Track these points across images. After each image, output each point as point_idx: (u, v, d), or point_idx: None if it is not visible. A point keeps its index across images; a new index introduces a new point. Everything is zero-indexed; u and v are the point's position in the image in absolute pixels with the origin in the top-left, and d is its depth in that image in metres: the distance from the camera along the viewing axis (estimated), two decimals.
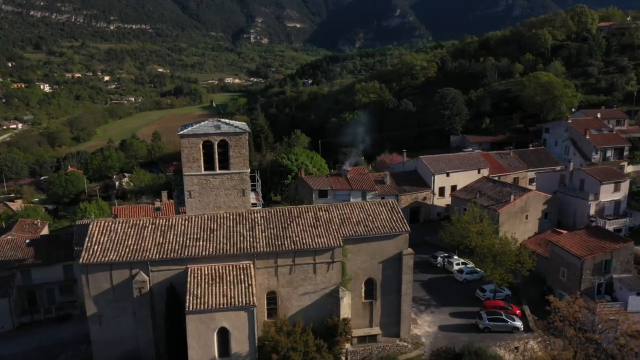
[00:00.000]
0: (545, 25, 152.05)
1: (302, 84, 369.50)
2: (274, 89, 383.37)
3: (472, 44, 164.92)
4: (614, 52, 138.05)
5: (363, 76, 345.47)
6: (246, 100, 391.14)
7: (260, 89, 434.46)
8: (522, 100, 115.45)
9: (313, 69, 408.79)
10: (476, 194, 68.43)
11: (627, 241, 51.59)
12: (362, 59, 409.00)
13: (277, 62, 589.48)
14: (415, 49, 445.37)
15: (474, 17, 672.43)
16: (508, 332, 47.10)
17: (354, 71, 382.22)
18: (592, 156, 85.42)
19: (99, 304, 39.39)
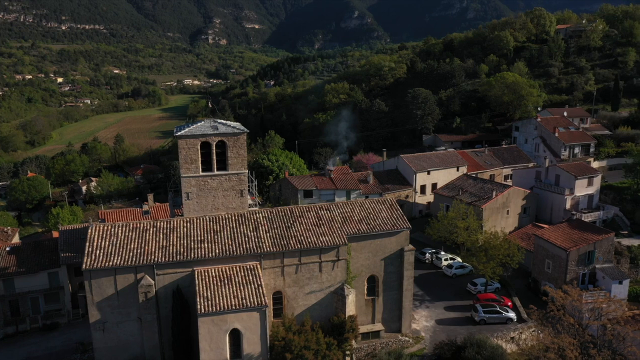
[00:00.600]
0: (506, 27, 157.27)
1: (265, 85, 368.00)
2: (236, 90, 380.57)
3: (437, 45, 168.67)
4: (572, 53, 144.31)
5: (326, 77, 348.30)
6: (207, 101, 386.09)
7: (221, 90, 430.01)
8: (490, 100, 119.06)
9: (275, 70, 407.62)
10: (458, 191, 70.28)
11: (608, 232, 54.23)
12: (323, 60, 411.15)
13: (236, 64, 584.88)
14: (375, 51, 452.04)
15: (430, 19, 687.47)
16: (503, 323, 48.73)
17: (316, 72, 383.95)
18: (561, 153, 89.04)
19: (102, 310, 38.41)
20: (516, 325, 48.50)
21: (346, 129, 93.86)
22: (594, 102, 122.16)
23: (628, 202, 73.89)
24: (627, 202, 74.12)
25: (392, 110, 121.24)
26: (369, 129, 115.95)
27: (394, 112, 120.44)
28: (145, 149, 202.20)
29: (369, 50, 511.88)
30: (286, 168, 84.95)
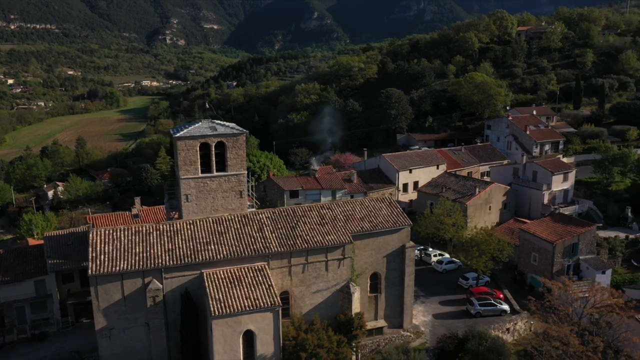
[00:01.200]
0: (470, 29, 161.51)
1: (227, 86, 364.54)
2: (198, 92, 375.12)
3: (404, 46, 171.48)
4: (534, 54, 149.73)
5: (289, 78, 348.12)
6: (168, 103, 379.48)
7: (182, 91, 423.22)
8: (460, 100, 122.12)
9: (237, 71, 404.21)
10: (442, 189, 71.96)
11: (590, 225, 56.82)
12: (285, 61, 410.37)
13: (196, 64, 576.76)
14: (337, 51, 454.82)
15: (389, 20, 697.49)
16: (497, 315, 50.33)
17: (279, 73, 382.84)
18: (533, 150, 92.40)
19: (108, 317, 37.50)
20: (510, 316, 50.18)
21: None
22: (557, 101, 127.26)
23: (599, 196, 77.50)
24: (597, 196, 77.72)
25: (365, 110, 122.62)
26: (343, 129, 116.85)
27: (367, 112, 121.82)
28: (109, 152, 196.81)
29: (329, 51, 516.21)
30: (268, 169, 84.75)
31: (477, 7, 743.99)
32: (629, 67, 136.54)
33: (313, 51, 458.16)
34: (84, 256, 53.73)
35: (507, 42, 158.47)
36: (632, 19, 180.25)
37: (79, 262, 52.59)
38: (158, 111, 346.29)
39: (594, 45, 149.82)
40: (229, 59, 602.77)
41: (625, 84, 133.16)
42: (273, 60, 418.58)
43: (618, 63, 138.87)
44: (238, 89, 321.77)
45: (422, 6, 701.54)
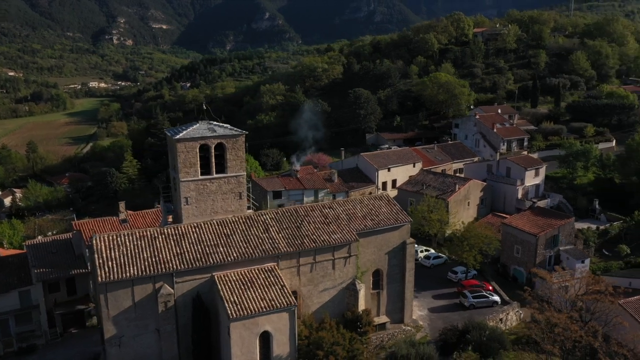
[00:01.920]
0: (430, 30, 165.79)
1: (181, 87, 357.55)
2: (150, 93, 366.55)
3: (365, 47, 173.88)
4: (491, 55, 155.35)
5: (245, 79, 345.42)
6: (119, 105, 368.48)
7: (132, 93, 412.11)
8: (425, 99, 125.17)
9: (190, 72, 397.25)
10: (422, 186, 73.76)
11: (569, 217, 59.86)
12: (240, 62, 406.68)
13: (145, 65, 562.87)
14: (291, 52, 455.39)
15: (340, 21, 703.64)
16: (489, 306, 52.22)
17: (234, 74, 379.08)
18: (500, 147, 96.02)
19: (118, 324, 36.49)
20: (502, 307, 52.18)
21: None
22: (515, 100, 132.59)
23: (566, 190, 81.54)
24: (565, 190, 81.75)
25: (334, 110, 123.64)
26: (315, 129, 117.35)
27: (335, 112, 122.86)
28: (63, 156, 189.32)
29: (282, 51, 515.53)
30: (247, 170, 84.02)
31: (425, 9, 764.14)
32: (579, 67, 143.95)
33: (267, 52, 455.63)
34: (71, 264, 52.34)
35: (464, 43, 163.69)
36: (578, 21, 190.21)
37: (65, 271, 50.90)
38: (109, 113, 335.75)
39: (546, 46, 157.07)
40: (180, 60, 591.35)
41: (576, 83, 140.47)
42: (227, 61, 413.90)
43: (569, 63, 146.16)
44: (193, 90, 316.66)
45: (372, 7, 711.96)
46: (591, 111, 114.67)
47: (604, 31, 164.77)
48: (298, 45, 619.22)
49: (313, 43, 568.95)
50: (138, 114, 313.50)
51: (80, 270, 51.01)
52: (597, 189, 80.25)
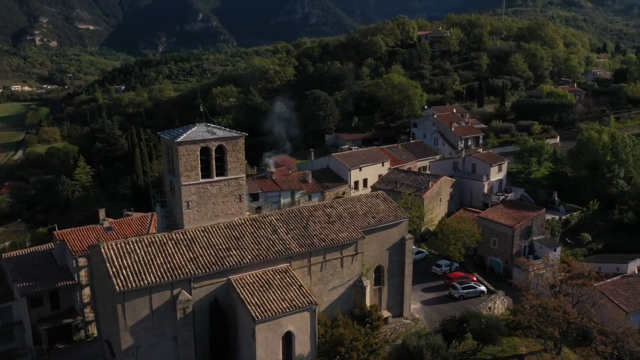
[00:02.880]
0: (377, 33, 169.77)
1: (115, 91, 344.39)
2: (82, 97, 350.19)
3: (315, 49, 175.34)
4: (437, 57, 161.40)
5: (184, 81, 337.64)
6: (49, 109, 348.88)
7: (62, 96, 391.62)
8: (380, 100, 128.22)
9: (124, 74, 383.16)
10: (395, 184, 75.83)
11: (540, 209, 63.77)
12: (177, 64, 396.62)
13: (73, 67, 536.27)
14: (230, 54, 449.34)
15: (275, 23, 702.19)
16: (477, 296, 54.74)
17: (171, 76, 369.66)
18: (458, 145, 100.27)
19: (136, 334, 35.31)
20: (489, 296, 54.83)
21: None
22: (464, 100, 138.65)
23: (524, 184, 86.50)
24: (524, 184, 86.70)
25: (291, 112, 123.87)
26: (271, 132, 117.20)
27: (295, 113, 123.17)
28: None
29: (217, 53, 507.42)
30: None
31: (358, 12, 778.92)
32: (517, 69, 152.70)
33: (204, 54, 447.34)
34: (55, 276, 49.81)
35: (410, 45, 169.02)
36: (512, 25, 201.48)
37: (50, 283, 48.47)
38: (37, 118, 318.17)
39: (486, 49, 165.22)
40: (110, 62, 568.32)
41: (516, 83, 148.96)
42: (163, 63, 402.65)
43: (508, 65, 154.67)
44: (129, 93, 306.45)
45: (307, 10, 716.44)
46: (534, 110, 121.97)
47: (536, 35, 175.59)
48: (233, 47, 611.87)
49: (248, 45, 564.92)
50: (70, 119, 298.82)
51: (67, 282, 48.75)
52: (552, 182, 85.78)
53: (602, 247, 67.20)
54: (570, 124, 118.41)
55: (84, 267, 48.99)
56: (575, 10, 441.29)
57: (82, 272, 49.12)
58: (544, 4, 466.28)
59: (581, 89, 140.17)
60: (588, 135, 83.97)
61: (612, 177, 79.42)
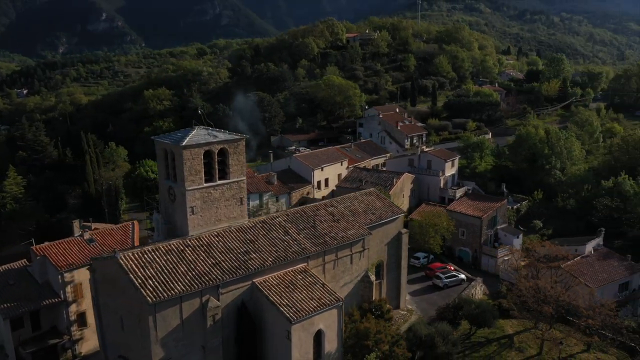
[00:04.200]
0: (307, 34, 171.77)
1: (17, 95, 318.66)
2: None
3: (248, 50, 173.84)
4: (368, 59, 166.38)
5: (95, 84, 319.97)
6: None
7: None
8: (321, 101, 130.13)
9: (26, 77, 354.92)
10: (360, 182, 77.80)
11: (502, 200, 68.52)
12: (85, 66, 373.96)
13: None
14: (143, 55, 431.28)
15: (184, 24, 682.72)
16: (459, 284, 58.02)
17: (80, 79, 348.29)
18: (405, 143, 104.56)
19: (166, 346, 34.01)
20: (469, 284, 58.27)
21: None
22: (398, 100, 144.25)
23: (472, 178, 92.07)
24: (470, 177, 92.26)
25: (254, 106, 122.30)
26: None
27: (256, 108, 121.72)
28: None
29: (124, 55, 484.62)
30: None
31: (270, 14, 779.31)
32: (442, 69, 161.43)
33: (115, 55, 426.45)
34: (37, 294, 46.18)
35: (340, 47, 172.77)
36: (431, 28, 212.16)
37: (35, 302, 45.03)
38: None
39: (412, 51, 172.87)
40: (5, 64, 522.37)
41: (442, 84, 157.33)
42: (69, 65, 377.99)
43: (433, 66, 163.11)
44: (33, 97, 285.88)
45: (218, 11, 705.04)
46: (465, 108, 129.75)
47: (454, 37, 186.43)
48: (142, 49, 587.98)
49: (158, 46, 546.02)
50: None
51: (52, 299, 45.45)
52: (496, 175, 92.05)
53: (552, 232, 73.43)
54: (499, 121, 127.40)
55: (70, 283, 46.16)
56: (477, 15, 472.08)
57: (68, 288, 46.14)
58: (448, 9, 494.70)
59: (502, 89, 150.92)
60: (526, 130, 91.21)
61: (550, 168, 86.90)
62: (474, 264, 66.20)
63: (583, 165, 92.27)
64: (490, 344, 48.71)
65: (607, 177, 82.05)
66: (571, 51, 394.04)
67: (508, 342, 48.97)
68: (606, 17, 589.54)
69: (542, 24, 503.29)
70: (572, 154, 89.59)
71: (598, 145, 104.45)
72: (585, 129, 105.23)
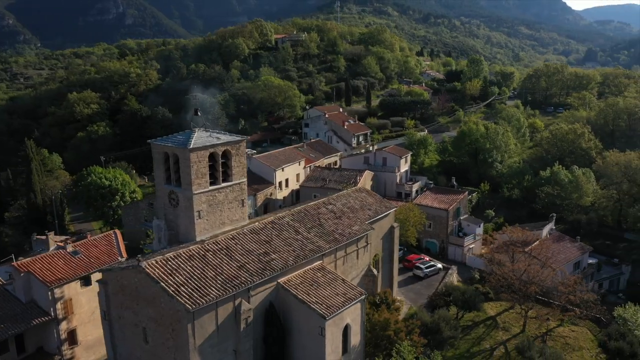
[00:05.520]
0: (237, 35, 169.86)
1: None
2: None
3: (173, 51, 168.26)
4: (299, 59, 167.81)
5: None
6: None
7: None
8: (261, 102, 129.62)
9: None
10: (324, 181, 78.97)
11: (463, 192, 72.80)
12: None
13: None
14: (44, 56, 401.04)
15: (85, 23, 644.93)
16: (436, 273, 61.07)
17: None
18: (352, 142, 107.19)
19: (203, 353, 33.14)
20: (446, 272, 61.49)
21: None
22: (333, 100, 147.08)
23: (419, 173, 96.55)
24: (417, 172, 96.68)
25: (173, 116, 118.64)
26: None
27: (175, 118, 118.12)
28: None
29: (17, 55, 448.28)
30: (129, 185, 76.80)
31: (177, 14, 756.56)
32: (371, 70, 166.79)
33: (12, 56, 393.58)
34: (23, 314, 42.66)
35: (270, 48, 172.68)
36: (353, 30, 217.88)
37: (21, 323, 41.65)
38: None
39: (340, 52, 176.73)
40: None
41: (372, 84, 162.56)
42: None
43: (362, 67, 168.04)
44: None
45: (122, 10, 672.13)
46: (399, 107, 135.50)
47: (377, 40, 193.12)
48: (38, 49, 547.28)
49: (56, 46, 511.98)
50: None
51: (42, 318, 42.26)
52: (442, 169, 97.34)
53: (503, 220, 79.20)
54: (431, 119, 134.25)
55: (60, 299, 43.19)
56: (386, 18, 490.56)
57: (59, 304, 43.13)
58: (358, 12, 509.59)
59: (428, 88, 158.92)
60: (468, 127, 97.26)
61: (492, 161, 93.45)
62: (441, 254, 69.75)
63: (517, 158, 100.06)
64: (478, 327, 52.01)
65: (541, 168, 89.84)
66: (473, 53, 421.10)
67: (493, 323, 52.55)
68: (500, 22, 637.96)
69: (445, 27, 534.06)
70: (509, 148, 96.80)
71: (525, 139, 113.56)
72: (513, 124, 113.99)
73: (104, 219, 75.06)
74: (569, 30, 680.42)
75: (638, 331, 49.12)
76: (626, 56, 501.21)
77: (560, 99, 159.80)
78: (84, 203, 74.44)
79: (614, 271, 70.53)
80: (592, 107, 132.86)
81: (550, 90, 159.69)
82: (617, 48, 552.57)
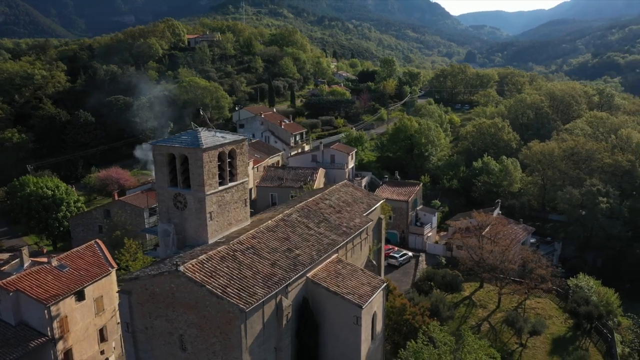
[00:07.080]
0: (148, 35, 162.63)
1: None
2: None
3: (83, 52, 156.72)
4: (217, 60, 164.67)
5: None
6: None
7: None
8: (186, 103, 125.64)
9: None
10: (281, 180, 79.17)
11: (418, 185, 76.85)
12: None
13: None
14: None
15: None
16: (408, 261, 64.24)
17: None
18: (290, 141, 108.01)
19: (253, 353, 32.68)
20: (417, 259, 64.88)
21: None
22: (258, 100, 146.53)
23: (362, 168, 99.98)
24: (360, 168, 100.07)
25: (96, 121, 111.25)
26: (82, 145, 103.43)
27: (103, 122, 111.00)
28: None
29: None
30: (73, 194, 71.39)
31: (54, 12, 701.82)
32: (288, 71, 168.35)
33: None
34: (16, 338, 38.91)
35: (184, 49, 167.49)
36: (264, 31, 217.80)
37: (16, 348, 38.06)
38: None
39: (256, 53, 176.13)
40: None
41: (292, 84, 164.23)
42: None
43: (279, 68, 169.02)
44: None
45: None
46: (324, 106, 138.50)
47: (288, 41, 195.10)
48: None
49: None
50: None
51: (39, 340, 38.68)
52: (381, 164, 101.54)
53: (448, 209, 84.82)
54: (356, 118, 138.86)
55: (56, 317, 39.82)
56: (282, 20, 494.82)
57: (55, 323, 39.70)
58: (254, 12, 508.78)
59: (347, 88, 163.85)
60: (402, 123, 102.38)
61: (428, 155, 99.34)
62: (402, 243, 73.26)
63: (447, 151, 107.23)
64: (459, 306, 55.82)
65: (468, 160, 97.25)
66: (369, 54, 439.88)
67: (471, 302, 56.68)
68: (388, 25, 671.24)
69: (339, 30, 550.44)
70: (440, 142, 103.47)
71: (447, 133, 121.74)
72: (435, 120, 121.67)
73: (47, 232, 68.84)
74: (450, 34, 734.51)
75: (594, 297, 55.78)
76: (501, 58, 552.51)
77: (465, 96, 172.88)
78: (24, 216, 67.67)
79: (548, 248, 78.58)
80: (496, 103, 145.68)
81: (455, 89, 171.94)
82: (492, 50, 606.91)
